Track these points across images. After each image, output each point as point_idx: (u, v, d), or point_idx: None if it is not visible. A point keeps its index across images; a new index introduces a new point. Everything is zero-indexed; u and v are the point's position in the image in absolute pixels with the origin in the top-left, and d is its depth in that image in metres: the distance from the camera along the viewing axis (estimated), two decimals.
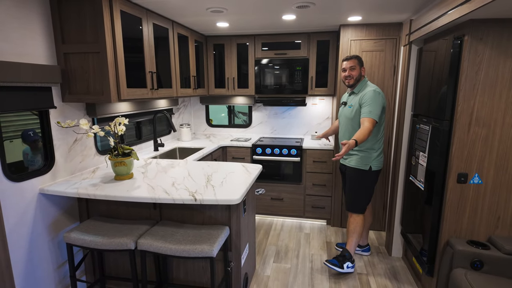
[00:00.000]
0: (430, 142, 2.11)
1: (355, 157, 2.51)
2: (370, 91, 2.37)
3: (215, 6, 2.37)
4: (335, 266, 2.51)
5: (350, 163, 2.55)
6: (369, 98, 2.35)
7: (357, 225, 2.55)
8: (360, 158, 2.48)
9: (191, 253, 1.76)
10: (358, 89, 2.47)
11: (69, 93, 2.08)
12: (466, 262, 1.83)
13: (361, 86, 2.48)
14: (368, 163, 2.47)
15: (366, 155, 2.47)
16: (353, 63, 2.46)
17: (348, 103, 2.54)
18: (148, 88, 2.44)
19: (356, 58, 2.48)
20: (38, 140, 2.01)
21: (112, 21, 2.01)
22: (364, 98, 2.37)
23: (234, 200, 1.75)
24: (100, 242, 1.86)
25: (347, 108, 2.54)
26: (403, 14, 2.62)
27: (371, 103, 2.33)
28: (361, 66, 2.48)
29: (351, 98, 2.53)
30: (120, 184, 2.02)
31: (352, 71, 2.47)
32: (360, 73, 2.47)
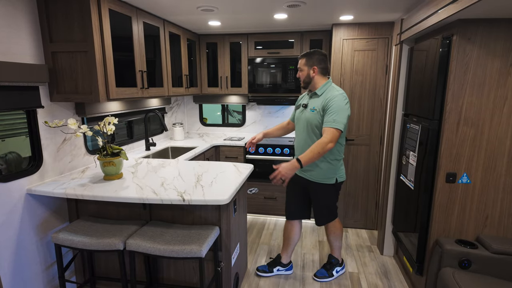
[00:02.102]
0: (419, 142, 2.11)
1: (318, 171, 2.18)
2: (338, 96, 2.05)
3: (205, 5, 2.36)
4: (325, 277, 2.48)
5: (312, 177, 2.21)
6: (336, 104, 2.02)
7: (336, 230, 2.42)
8: (324, 171, 2.17)
9: (180, 253, 1.76)
10: (321, 91, 2.14)
11: (57, 92, 2.06)
12: (454, 261, 1.84)
13: (324, 88, 2.14)
14: (333, 175, 2.18)
15: (331, 167, 2.16)
16: (299, 65, 2.19)
17: (310, 105, 2.18)
18: (138, 87, 2.42)
19: (305, 57, 2.16)
20: None
21: (100, 20, 1.99)
22: (330, 103, 2.03)
23: (222, 200, 1.75)
24: (89, 242, 1.85)
25: (309, 111, 2.16)
26: (394, 13, 2.62)
27: (337, 110, 2.00)
28: (311, 66, 2.13)
29: (313, 100, 2.17)
30: (109, 184, 2.00)
31: (300, 72, 2.19)
32: (308, 74, 2.15)
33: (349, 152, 3.22)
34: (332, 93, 2.09)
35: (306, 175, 2.25)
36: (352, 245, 3.03)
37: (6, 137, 2.14)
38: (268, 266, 2.56)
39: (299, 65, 2.20)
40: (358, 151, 3.20)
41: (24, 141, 2.03)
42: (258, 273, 2.54)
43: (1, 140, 2.14)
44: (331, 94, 2.08)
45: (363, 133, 3.16)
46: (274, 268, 2.54)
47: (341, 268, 2.55)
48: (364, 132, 3.16)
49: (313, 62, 2.14)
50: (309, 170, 2.22)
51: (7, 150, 2.01)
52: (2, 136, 2.12)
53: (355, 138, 3.18)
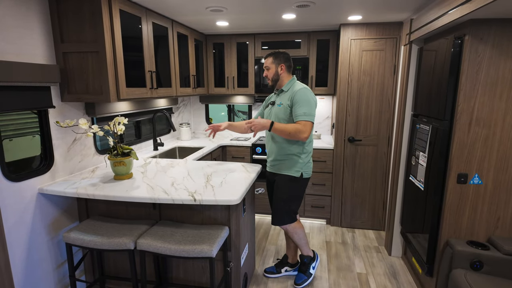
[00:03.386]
0: (430, 142, 2.10)
1: (284, 163, 2.23)
2: (301, 89, 2.09)
3: (214, 5, 2.36)
4: (305, 281, 2.41)
5: (278, 169, 2.26)
6: (302, 97, 2.06)
7: (298, 231, 2.34)
8: (289, 164, 2.21)
9: (190, 253, 1.76)
10: (287, 87, 2.20)
11: (68, 92, 2.07)
12: (465, 263, 1.83)
13: (290, 84, 2.20)
14: (299, 169, 2.20)
15: (295, 159, 2.19)
16: (267, 63, 2.21)
17: (277, 101, 2.24)
18: (147, 88, 2.43)
19: (271, 56, 2.19)
20: None
21: (111, 20, 2.00)
22: (296, 97, 2.07)
23: (233, 200, 1.75)
24: (99, 242, 1.86)
25: (277, 107, 2.21)
26: (403, 13, 2.61)
27: (304, 103, 2.05)
28: (278, 64, 2.18)
29: (280, 97, 2.23)
30: (119, 184, 2.01)
31: (267, 70, 2.22)
32: (276, 71, 2.19)
33: (356, 153, 3.21)
34: (297, 87, 2.14)
35: (274, 168, 2.29)
36: (359, 245, 3.02)
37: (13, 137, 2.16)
38: (275, 267, 2.56)
39: (266, 64, 2.22)
40: (366, 151, 3.19)
41: (31, 140, 2.05)
42: (266, 275, 2.53)
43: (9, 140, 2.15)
44: (296, 88, 2.13)
45: (371, 133, 3.15)
46: (281, 268, 2.54)
47: (315, 262, 2.50)
48: (372, 132, 3.15)
49: (280, 60, 2.19)
50: (277, 162, 2.26)
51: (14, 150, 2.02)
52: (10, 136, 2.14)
53: (362, 139, 3.17)
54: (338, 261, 2.76)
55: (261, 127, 2.07)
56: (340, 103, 3.16)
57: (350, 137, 3.19)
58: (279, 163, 2.25)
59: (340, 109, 3.17)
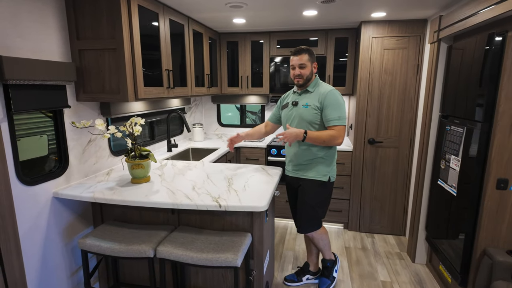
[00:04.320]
0: (464, 145, 1.99)
1: (310, 167, 2.09)
2: (332, 91, 1.99)
3: (235, 1, 2.26)
4: (329, 285, 2.32)
5: (304, 173, 2.12)
6: (334, 100, 1.96)
7: (324, 236, 2.24)
8: (319, 167, 2.07)
9: (214, 262, 1.66)
10: (313, 88, 2.07)
11: (83, 91, 1.98)
12: (507, 274, 1.71)
13: (316, 84, 2.09)
14: (327, 173, 2.08)
15: (326, 163, 2.08)
16: (303, 60, 2.01)
17: (301, 102, 2.08)
18: (164, 87, 2.33)
19: (307, 53, 2.02)
20: None
21: (130, 16, 1.90)
22: (328, 99, 1.97)
23: (260, 207, 1.65)
24: (117, 249, 1.76)
25: (302, 108, 2.06)
26: (429, 10, 2.50)
27: (337, 106, 1.95)
28: (313, 62, 2.05)
29: (304, 97, 2.08)
30: (137, 187, 1.92)
31: (302, 69, 2.02)
32: (311, 70, 2.05)
33: (376, 155, 3.10)
34: (326, 88, 2.03)
35: (298, 173, 2.15)
36: (381, 252, 2.91)
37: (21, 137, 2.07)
38: (296, 275, 2.45)
39: (300, 61, 2.01)
40: (386, 153, 3.08)
41: (38, 140, 1.95)
42: (286, 283, 2.43)
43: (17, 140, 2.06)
44: (325, 89, 2.02)
45: (392, 135, 3.04)
46: (303, 277, 2.44)
47: (337, 265, 2.41)
48: (393, 134, 3.03)
49: (313, 58, 2.06)
50: (302, 166, 2.12)
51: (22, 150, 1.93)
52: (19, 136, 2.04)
53: (383, 141, 3.06)
54: (360, 268, 2.65)
55: (295, 138, 1.94)
56: (360, 103, 3.04)
57: (370, 138, 3.07)
58: (304, 167, 2.12)
59: (360, 110, 3.06)
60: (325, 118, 1.98)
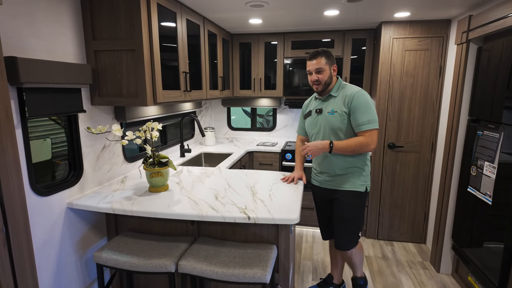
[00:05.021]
0: (501, 152, 1.88)
1: (346, 178, 1.92)
2: (359, 92, 1.82)
3: (256, 0, 2.15)
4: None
5: (339, 184, 1.94)
6: (362, 102, 1.79)
7: (359, 253, 2.10)
8: (355, 177, 1.91)
9: (241, 278, 1.55)
10: (336, 92, 1.91)
11: (99, 95, 1.87)
12: None
13: (339, 87, 1.92)
14: (363, 182, 1.93)
15: (359, 172, 1.92)
16: (320, 64, 1.84)
17: (326, 109, 1.91)
18: (181, 90, 2.22)
19: (323, 55, 1.84)
20: None
21: (149, 16, 1.79)
22: (355, 102, 1.80)
23: (293, 219, 1.53)
24: (136, 263, 1.65)
25: (328, 115, 1.89)
26: (454, 9, 2.40)
27: (366, 108, 1.79)
28: (331, 65, 1.88)
29: (328, 103, 1.92)
30: (156, 197, 1.81)
31: (319, 74, 1.85)
32: (330, 74, 1.87)
33: (396, 160, 2.99)
34: (351, 89, 1.86)
35: (331, 183, 1.97)
36: (402, 261, 2.80)
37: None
38: (318, 287, 2.33)
39: (317, 65, 1.84)
40: (407, 158, 2.97)
41: (42, 144, 1.83)
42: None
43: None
44: (351, 91, 1.85)
45: (413, 139, 2.93)
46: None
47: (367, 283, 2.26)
48: (414, 138, 2.93)
49: (332, 60, 1.89)
50: (337, 177, 1.94)
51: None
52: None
53: (404, 145, 2.95)
54: (383, 279, 2.53)
55: (319, 151, 1.81)
56: (379, 106, 2.94)
57: (390, 143, 2.97)
58: (340, 177, 1.94)
59: (380, 113, 2.95)
60: (355, 123, 1.82)
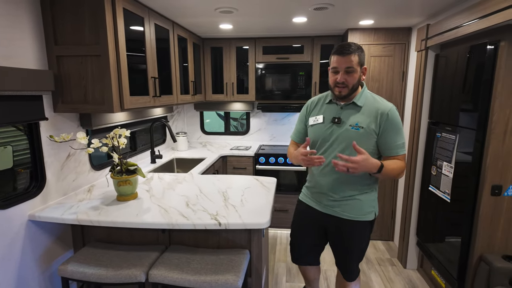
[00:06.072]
0: (457, 152, 2.01)
1: (356, 204, 1.62)
2: (393, 109, 1.53)
3: (225, 6, 2.17)
4: None
5: (346, 213, 1.63)
6: (398, 122, 1.53)
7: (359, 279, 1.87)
8: (364, 204, 1.62)
9: (213, 284, 1.54)
10: (361, 101, 1.56)
11: (62, 102, 1.80)
12: (505, 279, 1.73)
13: (365, 97, 1.58)
14: (373, 209, 1.66)
15: (371, 198, 1.65)
16: (351, 63, 1.48)
17: (348, 120, 1.56)
18: (150, 96, 2.19)
19: (357, 52, 1.49)
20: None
21: (115, 20, 1.76)
22: (390, 121, 1.51)
23: (263, 223, 1.56)
24: (104, 275, 1.60)
25: (350, 129, 1.55)
26: (414, 18, 2.54)
27: (401, 130, 1.55)
28: (362, 66, 1.54)
29: (350, 113, 1.57)
30: (125, 206, 1.76)
31: (349, 75, 1.49)
32: (359, 78, 1.53)
33: None
34: (384, 104, 1.55)
35: (336, 210, 1.65)
36: (372, 258, 2.90)
37: None
38: None
39: (349, 63, 1.48)
40: None
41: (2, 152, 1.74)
42: None
43: None
44: (384, 106, 1.53)
45: None
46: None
47: None
48: None
49: (363, 61, 1.54)
50: (343, 202, 1.63)
51: None
52: None
53: None
54: None
55: (367, 170, 1.44)
56: None
57: None
58: (346, 202, 1.63)
59: None
60: (390, 145, 1.54)
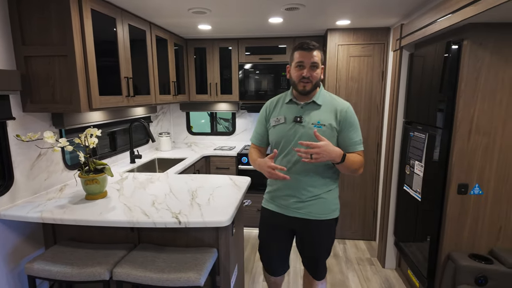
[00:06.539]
0: (427, 151, 2.02)
1: (321, 203, 1.63)
2: (351, 107, 1.62)
3: (197, 7, 2.19)
4: None
5: (312, 213, 1.63)
6: (355, 119, 1.60)
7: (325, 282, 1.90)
8: (329, 202, 1.65)
9: (175, 282, 1.56)
10: (320, 99, 1.60)
11: (31, 102, 1.82)
12: (470, 278, 1.74)
13: (323, 95, 1.63)
14: (337, 206, 1.70)
15: (335, 195, 1.69)
16: (316, 58, 1.53)
17: (310, 119, 1.58)
18: (123, 96, 2.20)
19: (320, 50, 1.57)
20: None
21: (82, 21, 1.78)
22: (348, 118, 1.58)
23: (223, 221, 1.57)
24: (69, 273, 1.61)
25: (314, 127, 1.56)
26: (391, 18, 2.55)
27: (358, 126, 1.62)
28: (323, 63, 1.60)
29: (311, 112, 1.59)
30: (92, 204, 1.78)
31: (313, 70, 1.54)
32: (320, 76, 1.59)
33: None
34: (342, 102, 1.62)
35: (303, 212, 1.65)
36: (352, 258, 2.90)
37: None
38: None
39: (315, 58, 1.53)
40: None
41: None
42: None
43: None
44: (343, 105, 1.61)
45: None
46: None
47: None
48: None
49: (323, 60, 1.61)
50: (309, 203, 1.63)
51: None
52: None
53: None
54: (331, 276, 2.62)
55: (328, 157, 1.43)
56: None
57: None
58: (312, 203, 1.63)
59: None
60: (348, 142, 1.58)
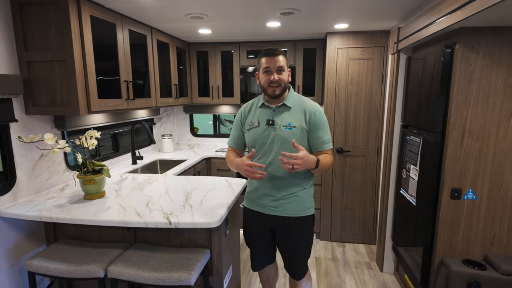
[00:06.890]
0: (421, 155, 2.01)
1: (296, 201, 1.71)
2: (320, 109, 1.69)
3: (194, 12, 2.24)
4: None
5: (289, 211, 1.71)
6: (324, 119, 1.68)
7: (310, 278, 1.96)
8: (303, 200, 1.72)
9: (166, 281, 1.60)
10: (290, 102, 1.69)
11: (33, 104, 1.90)
12: (462, 284, 1.72)
13: (293, 97, 1.71)
14: (312, 203, 1.77)
15: (309, 193, 1.76)
16: (281, 62, 1.61)
17: (281, 121, 1.67)
18: (123, 99, 2.27)
19: (283, 54, 1.64)
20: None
21: (81, 27, 1.85)
22: (318, 118, 1.65)
23: (212, 223, 1.60)
24: (66, 270, 1.67)
25: (284, 129, 1.65)
26: (390, 21, 2.55)
27: (327, 126, 1.70)
28: (287, 67, 1.67)
29: (282, 114, 1.67)
30: (89, 204, 1.84)
31: (280, 74, 1.62)
32: (288, 78, 1.67)
33: (345, 164, 3.11)
34: (311, 104, 1.71)
35: (277, 209, 1.73)
36: (350, 261, 2.90)
37: None
38: None
39: (280, 63, 1.60)
40: (355, 162, 3.10)
41: None
42: None
43: None
44: (312, 106, 1.69)
45: (359, 144, 3.06)
46: None
47: None
48: (360, 143, 3.06)
49: (288, 63, 1.69)
50: (285, 201, 1.71)
51: None
52: None
53: (351, 150, 3.08)
54: (328, 279, 2.62)
55: (307, 166, 1.54)
56: (327, 113, 3.06)
57: (338, 148, 3.08)
58: (288, 201, 1.71)
59: (328, 119, 3.06)
60: (318, 141, 1.67)
